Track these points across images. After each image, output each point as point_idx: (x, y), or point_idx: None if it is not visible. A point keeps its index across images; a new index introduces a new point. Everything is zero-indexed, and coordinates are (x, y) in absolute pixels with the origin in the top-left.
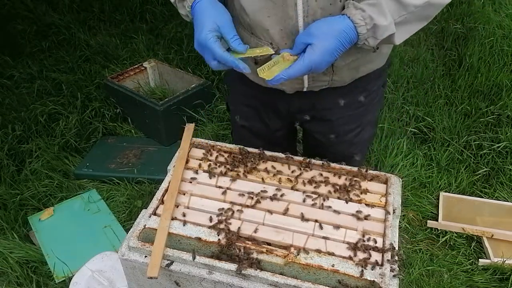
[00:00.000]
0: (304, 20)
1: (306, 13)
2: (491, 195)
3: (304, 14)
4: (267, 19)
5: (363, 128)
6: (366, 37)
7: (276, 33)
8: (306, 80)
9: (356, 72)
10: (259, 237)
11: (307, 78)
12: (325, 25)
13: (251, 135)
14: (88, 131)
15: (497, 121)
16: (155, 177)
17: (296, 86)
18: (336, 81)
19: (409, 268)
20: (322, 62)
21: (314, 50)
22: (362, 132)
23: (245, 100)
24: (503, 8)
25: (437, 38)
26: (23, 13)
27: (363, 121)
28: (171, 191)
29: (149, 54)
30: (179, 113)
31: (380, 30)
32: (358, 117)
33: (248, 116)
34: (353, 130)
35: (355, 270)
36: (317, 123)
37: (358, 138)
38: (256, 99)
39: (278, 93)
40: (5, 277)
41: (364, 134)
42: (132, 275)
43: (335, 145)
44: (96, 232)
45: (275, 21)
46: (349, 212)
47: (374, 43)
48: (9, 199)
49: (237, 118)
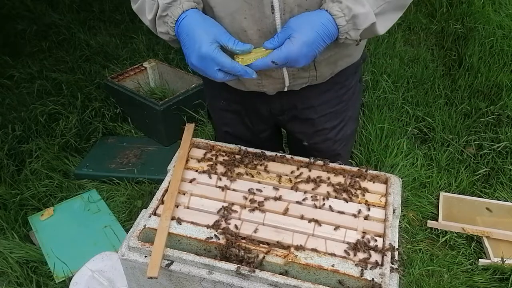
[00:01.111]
0: (281, 18)
1: (283, 11)
2: (491, 195)
3: (281, 12)
4: (244, 20)
5: (345, 124)
6: (347, 30)
7: (253, 33)
8: (287, 78)
9: (335, 67)
10: (259, 237)
11: (288, 76)
12: (303, 19)
13: (235, 140)
14: (88, 131)
15: (497, 121)
16: (155, 177)
17: (277, 86)
18: (315, 76)
19: (409, 268)
20: (300, 55)
21: (292, 42)
22: (344, 128)
23: (226, 106)
24: (503, 8)
25: (437, 38)
26: (23, 13)
27: (345, 117)
28: (171, 191)
29: (149, 54)
30: (179, 113)
31: (360, 19)
32: (339, 113)
33: (231, 122)
34: (335, 127)
35: (355, 270)
36: (299, 123)
37: (341, 134)
38: (237, 104)
39: (259, 96)
40: (5, 277)
41: (346, 130)
42: (132, 275)
43: (319, 144)
44: (96, 232)
45: (251, 21)
46: (349, 212)
47: (356, 35)
48: (9, 199)
49: (219, 124)
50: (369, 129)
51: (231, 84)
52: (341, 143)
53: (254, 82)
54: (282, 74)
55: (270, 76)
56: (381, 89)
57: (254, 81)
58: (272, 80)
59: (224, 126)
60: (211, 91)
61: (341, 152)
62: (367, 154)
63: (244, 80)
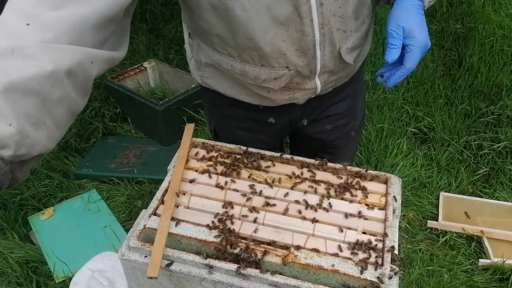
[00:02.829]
0: (320, 32)
1: (321, 25)
2: (491, 195)
3: (320, 27)
4: (282, 44)
5: (355, 120)
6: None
7: (292, 54)
8: (319, 87)
9: (355, 65)
10: (259, 237)
11: (320, 84)
12: (403, 19)
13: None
14: (88, 131)
15: (497, 121)
16: (155, 177)
17: (309, 96)
18: (341, 78)
19: (409, 268)
20: (427, 41)
21: (412, 51)
22: (354, 124)
23: (237, 123)
24: (503, 8)
25: (437, 38)
26: None
27: (356, 114)
28: (171, 191)
29: (149, 54)
30: (179, 113)
31: None
32: (352, 110)
33: (242, 140)
34: (349, 123)
35: (355, 270)
36: (317, 124)
37: (353, 130)
38: (250, 120)
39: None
40: (5, 277)
41: (356, 125)
42: (132, 275)
43: (334, 141)
44: (96, 232)
45: (289, 43)
46: (349, 212)
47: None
48: (9, 199)
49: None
50: (369, 129)
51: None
52: (353, 137)
53: (286, 98)
54: (315, 84)
55: (303, 89)
56: (381, 89)
57: (285, 97)
58: (304, 91)
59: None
60: (220, 111)
61: (353, 147)
62: (367, 154)
63: (274, 99)
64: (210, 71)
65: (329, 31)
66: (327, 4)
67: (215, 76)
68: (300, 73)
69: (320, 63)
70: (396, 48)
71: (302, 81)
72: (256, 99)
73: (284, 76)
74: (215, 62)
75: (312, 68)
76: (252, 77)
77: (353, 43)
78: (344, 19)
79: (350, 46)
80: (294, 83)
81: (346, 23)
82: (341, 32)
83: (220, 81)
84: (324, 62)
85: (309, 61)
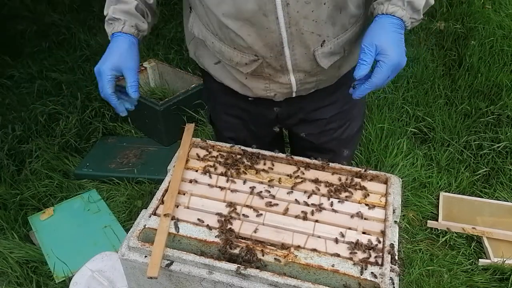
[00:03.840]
0: (287, 31)
1: (288, 24)
2: (491, 195)
3: (286, 26)
4: (248, 37)
5: (350, 123)
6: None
7: (259, 48)
8: (294, 84)
9: (340, 70)
10: (259, 237)
11: (295, 82)
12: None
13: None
14: (88, 131)
15: (497, 121)
16: (155, 177)
17: (285, 91)
18: (322, 80)
19: (409, 268)
20: (401, 60)
21: (382, 66)
22: (350, 126)
23: (229, 110)
24: (503, 8)
25: (437, 38)
26: (23, 13)
27: (350, 117)
28: (171, 191)
29: (149, 54)
30: (179, 113)
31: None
32: (345, 113)
33: (234, 128)
34: (341, 126)
35: (355, 270)
36: (306, 125)
37: (346, 133)
38: (241, 110)
39: (265, 102)
40: (5, 277)
41: (352, 128)
42: (132, 275)
43: (325, 144)
44: (96, 232)
45: (255, 37)
46: (349, 212)
47: (419, 16)
48: (9, 199)
49: (222, 130)
50: (369, 129)
51: (236, 89)
52: (347, 142)
53: (262, 87)
54: (290, 80)
55: (277, 81)
56: (381, 89)
57: (261, 86)
58: (279, 85)
59: (227, 131)
60: (214, 97)
61: (347, 150)
62: (367, 154)
63: (251, 87)
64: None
65: (298, 31)
66: (293, 5)
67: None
68: (270, 65)
69: (290, 61)
70: (365, 65)
71: (275, 73)
72: (239, 86)
73: (254, 63)
74: (203, 37)
75: (282, 64)
76: (227, 58)
77: (331, 48)
78: (318, 24)
79: (327, 51)
80: (266, 73)
81: (320, 28)
82: (316, 36)
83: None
84: (295, 61)
85: (276, 56)
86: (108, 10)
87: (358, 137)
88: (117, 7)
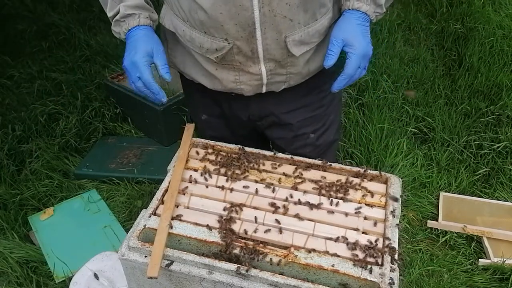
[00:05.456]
0: (260, 11)
1: (262, 3)
2: (491, 195)
3: (260, 5)
4: (220, 15)
5: (326, 129)
6: (373, 10)
7: (230, 27)
8: (265, 74)
9: (308, 65)
10: (259, 237)
11: (266, 72)
12: (345, 32)
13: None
14: (88, 131)
15: (497, 121)
16: (155, 177)
17: (255, 83)
18: (292, 74)
19: (409, 268)
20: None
21: (351, 58)
22: (326, 133)
23: (207, 110)
24: (503, 8)
25: (437, 38)
26: (23, 13)
27: (326, 122)
28: (171, 191)
29: None
30: (179, 113)
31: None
32: (320, 117)
33: (215, 126)
34: (315, 131)
35: (355, 270)
36: (278, 128)
37: (322, 140)
38: (218, 107)
39: (236, 98)
40: (5, 277)
41: (328, 135)
42: (132, 275)
43: (299, 150)
44: (96, 232)
45: (228, 16)
46: (349, 212)
47: (382, 9)
48: (9, 199)
49: (203, 128)
50: (369, 129)
51: (207, 85)
52: (322, 149)
53: (232, 79)
54: (260, 70)
55: (247, 72)
56: (381, 89)
57: (231, 77)
58: (250, 76)
59: (209, 130)
60: (191, 98)
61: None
62: (367, 154)
63: (221, 78)
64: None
65: (271, 13)
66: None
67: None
68: (241, 51)
69: (262, 46)
70: (333, 55)
71: (245, 61)
72: (209, 80)
73: (225, 48)
74: (174, 28)
75: (253, 49)
76: (197, 45)
77: (301, 36)
78: (291, 7)
79: (297, 39)
80: (237, 62)
81: (293, 12)
82: (288, 21)
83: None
84: (266, 46)
85: (247, 38)
86: (115, 10)
87: (335, 146)
88: (125, 4)
